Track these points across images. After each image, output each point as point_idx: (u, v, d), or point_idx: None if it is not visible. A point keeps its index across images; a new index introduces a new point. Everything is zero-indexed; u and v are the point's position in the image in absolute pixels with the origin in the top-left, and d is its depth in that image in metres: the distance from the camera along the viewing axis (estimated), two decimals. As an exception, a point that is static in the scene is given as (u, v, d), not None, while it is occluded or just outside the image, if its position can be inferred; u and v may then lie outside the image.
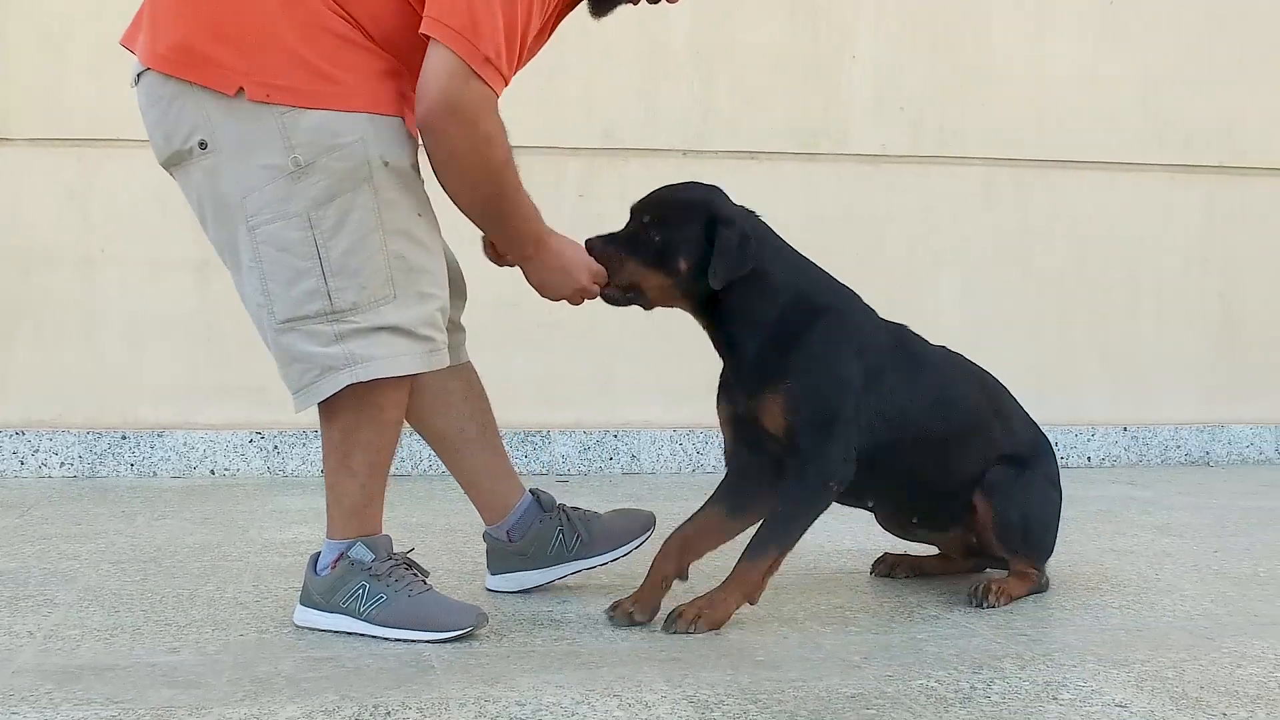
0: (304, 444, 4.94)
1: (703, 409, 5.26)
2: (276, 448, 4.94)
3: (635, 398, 5.24)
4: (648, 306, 2.87)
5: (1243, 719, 2.19)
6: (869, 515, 3.93)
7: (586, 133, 5.24)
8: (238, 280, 2.67)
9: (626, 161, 5.20)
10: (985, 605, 2.94)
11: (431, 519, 3.99)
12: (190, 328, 4.99)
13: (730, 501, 2.93)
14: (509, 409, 5.11)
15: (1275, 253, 5.84)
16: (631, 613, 2.77)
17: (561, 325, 5.15)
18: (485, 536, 3.10)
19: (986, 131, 5.56)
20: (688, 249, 2.78)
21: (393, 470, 3.54)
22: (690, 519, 2.94)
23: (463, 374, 3.02)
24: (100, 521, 3.90)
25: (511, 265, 2.87)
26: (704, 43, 5.32)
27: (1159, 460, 5.64)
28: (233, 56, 2.51)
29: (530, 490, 3.08)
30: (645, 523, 3.12)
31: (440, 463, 3.11)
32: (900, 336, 3.05)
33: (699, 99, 5.32)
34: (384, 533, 2.75)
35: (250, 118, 2.50)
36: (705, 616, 2.71)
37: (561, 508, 3.07)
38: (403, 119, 2.60)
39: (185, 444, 4.90)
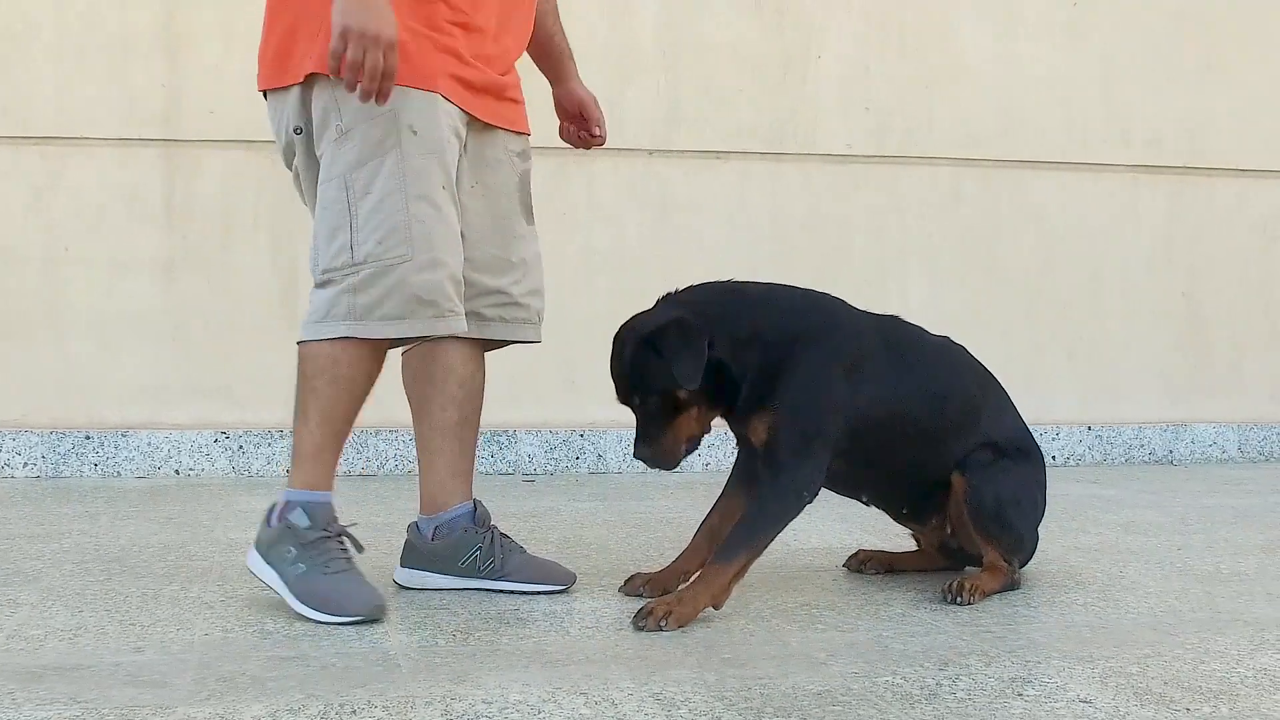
0: (269, 444, 4.92)
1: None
2: (241, 448, 4.92)
3: (601, 398, 5.21)
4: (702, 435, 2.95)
5: (1206, 714, 2.20)
6: (836, 513, 3.95)
7: (553, 132, 5.23)
8: None
9: (594, 161, 5.20)
10: (959, 602, 2.95)
11: (398, 519, 3.97)
12: (155, 327, 4.97)
13: (747, 483, 3.01)
14: (483, 408, 5.12)
15: (1238, 253, 5.89)
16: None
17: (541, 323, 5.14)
18: (410, 527, 3.10)
19: (952, 131, 5.59)
20: (673, 382, 2.79)
21: (359, 470, 3.54)
22: (713, 508, 3.04)
23: (475, 361, 3.11)
24: (64, 522, 3.88)
25: None
26: (671, 42, 5.32)
27: (1123, 459, 5.67)
28: (301, 48, 2.78)
29: (475, 500, 3.09)
30: (564, 579, 3.07)
31: (407, 464, 3.13)
32: (891, 333, 3.09)
33: (666, 98, 5.33)
34: (330, 498, 2.85)
35: (316, 96, 2.78)
36: (675, 614, 2.72)
37: (493, 529, 3.07)
38: (438, 94, 2.79)
39: (150, 444, 4.88)
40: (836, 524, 3.98)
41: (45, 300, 4.93)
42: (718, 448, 5.28)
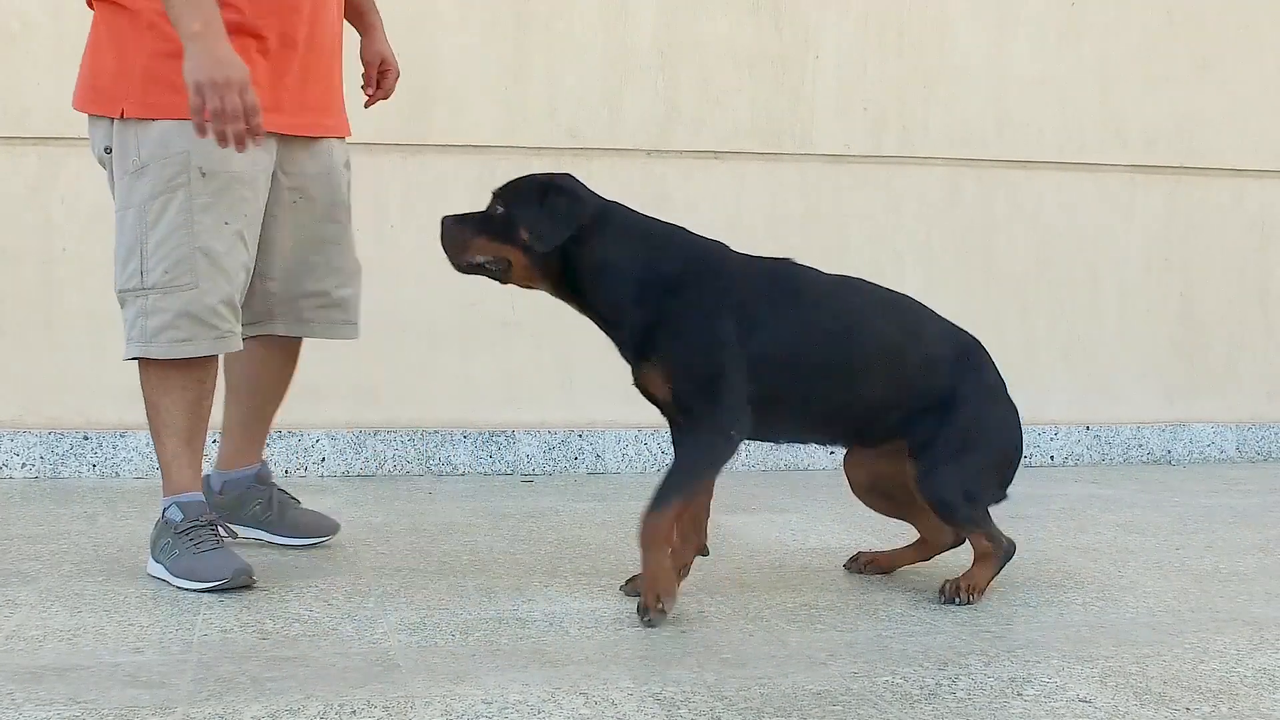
0: (267, 444, 4.91)
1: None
2: (240, 448, 4.92)
3: (599, 398, 5.23)
4: (503, 281, 3.00)
5: (1206, 713, 2.20)
6: (835, 513, 3.96)
7: (551, 133, 5.24)
8: None
9: (591, 161, 5.19)
10: (957, 603, 2.96)
11: (395, 519, 3.98)
12: (152, 327, 4.95)
13: None
14: (472, 409, 5.13)
15: (1234, 253, 5.89)
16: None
17: (525, 325, 5.15)
18: (204, 479, 3.43)
19: (949, 131, 5.59)
20: (525, 219, 2.90)
21: (358, 470, 3.55)
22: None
23: (290, 352, 3.48)
24: (62, 522, 3.87)
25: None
26: (668, 42, 5.32)
27: (1121, 459, 5.67)
28: (119, 88, 3.08)
29: (263, 463, 3.55)
30: (329, 529, 3.54)
31: (405, 464, 3.16)
32: (781, 275, 3.06)
33: (663, 99, 5.32)
34: (199, 496, 3.16)
35: (119, 130, 3.09)
36: (647, 586, 2.80)
37: (273, 486, 3.53)
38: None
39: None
40: (835, 524, 3.99)
41: (42, 300, 4.92)
42: (715, 448, 5.28)
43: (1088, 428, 5.66)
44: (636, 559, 3.40)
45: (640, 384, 2.95)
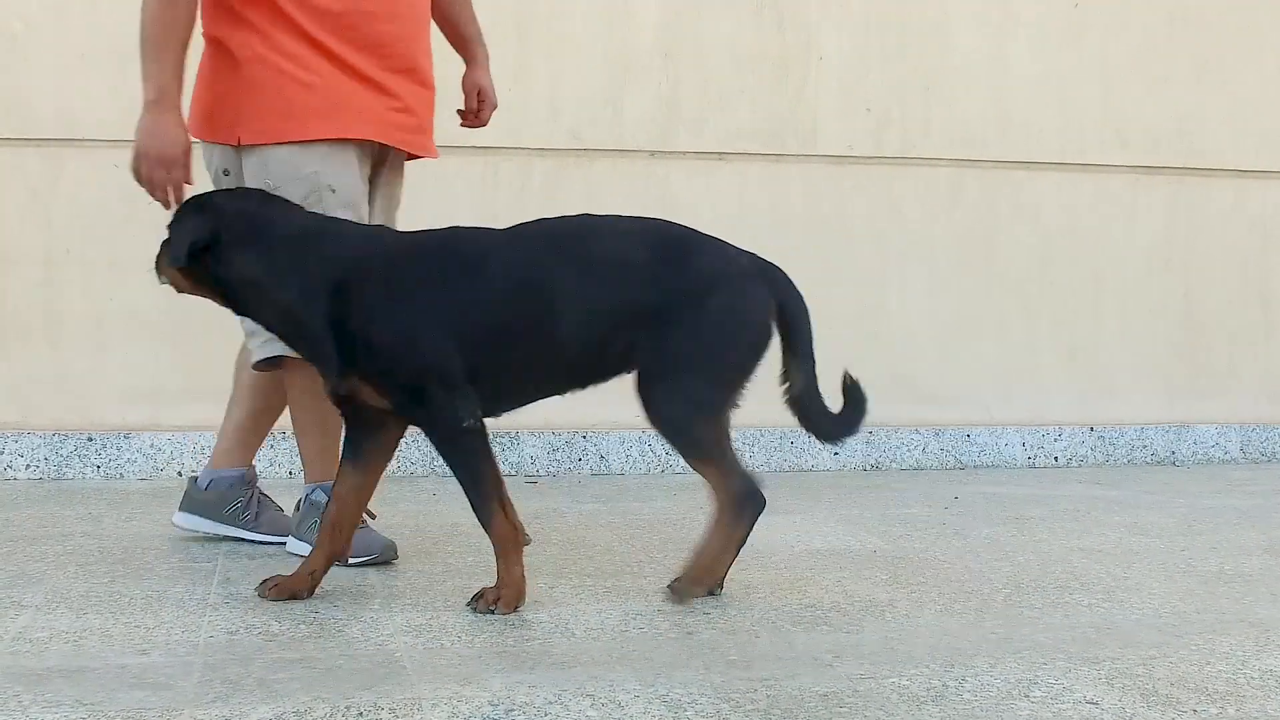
0: (270, 446, 4.91)
1: (671, 409, 5.27)
2: (243, 449, 4.92)
3: (603, 399, 5.20)
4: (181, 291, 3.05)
5: (1213, 715, 2.20)
6: (838, 515, 3.96)
7: (553, 134, 5.24)
8: None
9: (593, 162, 5.20)
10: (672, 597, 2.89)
11: (401, 520, 3.97)
12: (156, 329, 4.96)
13: (355, 459, 2.97)
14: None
15: (1236, 253, 5.89)
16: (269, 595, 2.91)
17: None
18: (190, 479, 3.68)
19: (951, 132, 5.59)
20: (165, 241, 2.97)
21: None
22: (330, 499, 3.01)
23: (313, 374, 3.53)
24: (67, 524, 3.87)
25: None
26: (671, 44, 5.32)
27: (1125, 460, 5.67)
28: (230, 116, 3.25)
29: (250, 467, 3.65)
30: (285, 529, 3.57)
31: (409, 465, 3.17)
32: (446, 245, 2.91)
33: (666, 100, 5.33)
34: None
35: (247, 156, 3.23)
36: (504, 597, 2.81)
37: (257, 490, 3.64)
38: (351, 143, 3.25)
39: (152, 445, 4.88)
40: (839, 526, 3.98)
41: (45, 302, 4.93)
42: (719, 449, 5.28)
43: (1091, 429, 5.66)
44: (640, 560, 3.42)
45: (348, 393, 2.86)
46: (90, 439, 4.81)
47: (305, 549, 3.24)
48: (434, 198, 5.14)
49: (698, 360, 2.85)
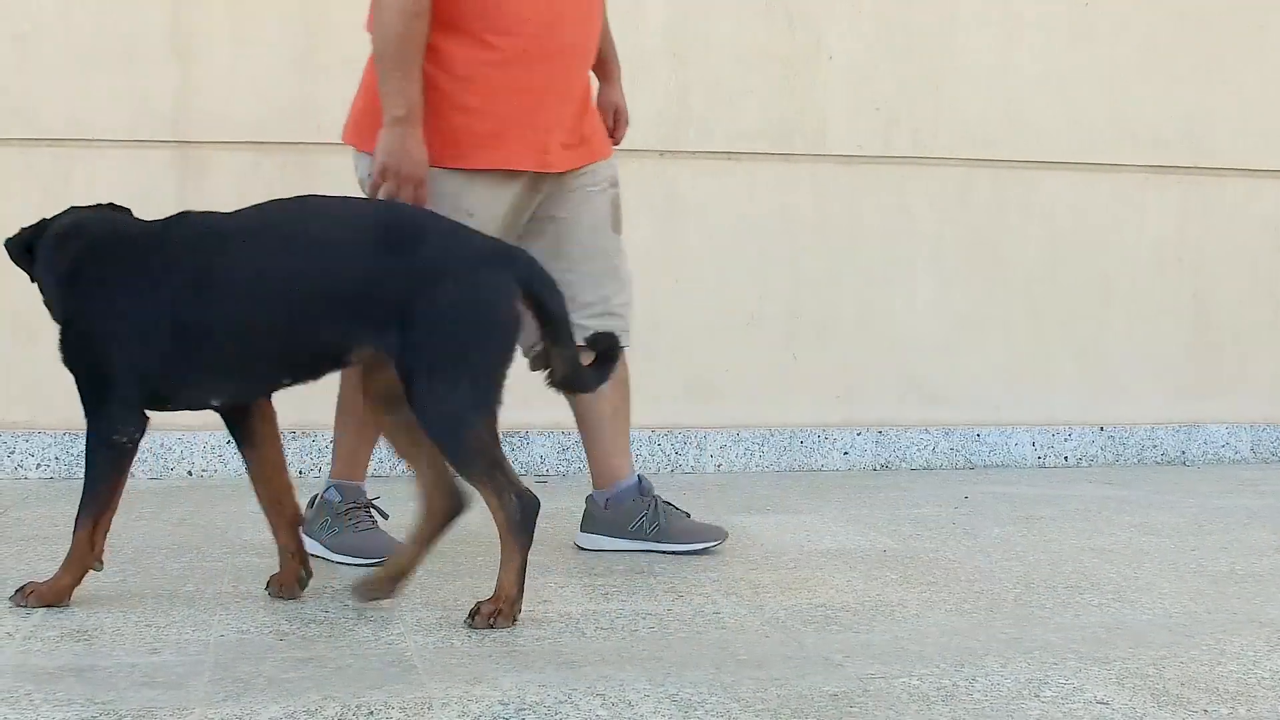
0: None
1: (679, 409, 5.28)
2: (253, 449, 4.92)
3: (613, 398, 5.23)
4: None
5: (1223, 715, 2.20)
6: (848, 515, 3.96)
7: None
8: None
9: (603, 162, 5.20)
10: (473, 625, 2.71)
11: (409, 520, 3.97)
12: (166, 329, 4.96)
13: (242, 445, 3.04)
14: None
15: (1246, 252, 5.88)
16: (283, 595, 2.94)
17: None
18: (588, 499, 3.62)
19: (961, 132, 5.58)
20: None
21: (371, 471, 3.58)
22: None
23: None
24: (77, 523, 3.87)
25: None
26: (679, 44, 5.32)
27: (1135, 460, 5.67)
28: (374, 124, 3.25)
29: (639, 475, 3.57)
30: (717, 535, 3.55)
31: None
32: (169, 240, 2.80)
33: (674, 100, 5.32)
34: (360, 485, 3.47)
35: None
36: (37, 594, 2.80)
37: (656, 498, 3.55)
38: (499, 172, 3.27)
39: (162, 445, 4.88)
40: (849, 526, 3.98)
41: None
42: (729, 448, 5.28)
43: (1101, 428, 5.65)
44: (649, 559, 3.42)
45: None
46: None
47: (315, 546, 3.30)
48: (444, 198, 5.16)
49: (447, 359, 2.67)
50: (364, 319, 2.68)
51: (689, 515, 3.59)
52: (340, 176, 4.35)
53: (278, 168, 4.98)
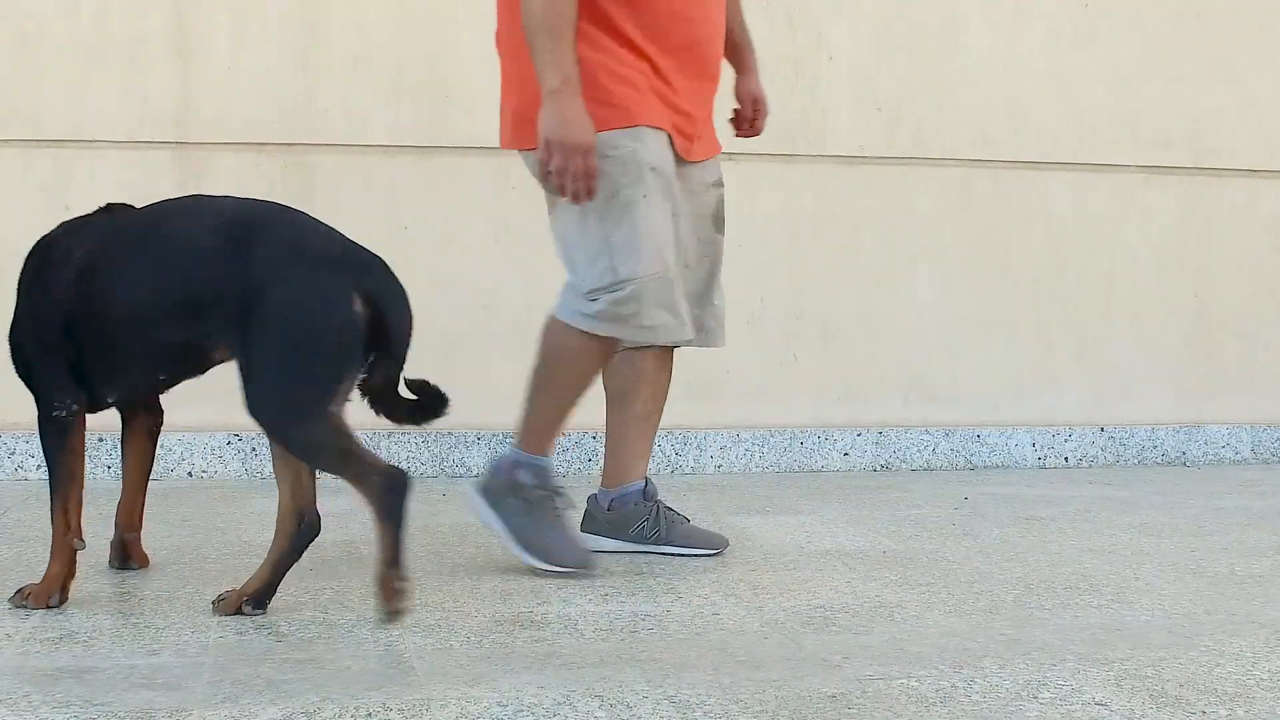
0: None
1: (680, 410, 5.27)
2: (255, 450, 4.93)
3: (613, 399, 5.23)
4: None
5: (1222, 717, 2.19)
6: (848, 516, 3.95)
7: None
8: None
9: (604, 162, 5.20)
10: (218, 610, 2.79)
11: (411, 520, 3.97)
12: (167, 329, 4.96)
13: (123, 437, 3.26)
14: (487, 411, 5.12)
15: (1248, 253, 5.88)
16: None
17: (538, 327, 5.14)
18: (590, 498, 3.60)
19: (963, 132, 5.58)
20: None
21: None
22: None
23: (665, 363, 3.55)
24: (77, 524, 3.87)
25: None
26: (682, 44, 5.32)
27: (1136, 460, 5.67)
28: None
29: (645, 479, 3.55)
30: (718, 542, 3.54)
31: (417, 466, 3.18)
32: (77, 228, 2.93)
33: (677, 100, 5.32)
34: (551, 463, 3.35)
35: None
36: (35, 592, 2.85)
37: (659, 503, 3.53)
38: (665, 131, 3.24)
39: (162, 446, 4.84)
40: (849, 527, 3.98)
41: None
42: (729, 449, 5.28)
43: (1102, 429, 5.65)
44: (649, 560, 3.42)
45: None
46: (100, 439, 4.82)
47: (494, 520, 3.31)
48: (445, 197, 5.16)
49: (278, 361, 2.64)
50: (215, 318, 2.69)
51: (689, 520, 3.58)
52: (340, 176, 4.37)
53: (278, 168, 4.99)
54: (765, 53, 5.39)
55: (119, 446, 3.23)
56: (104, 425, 4.87)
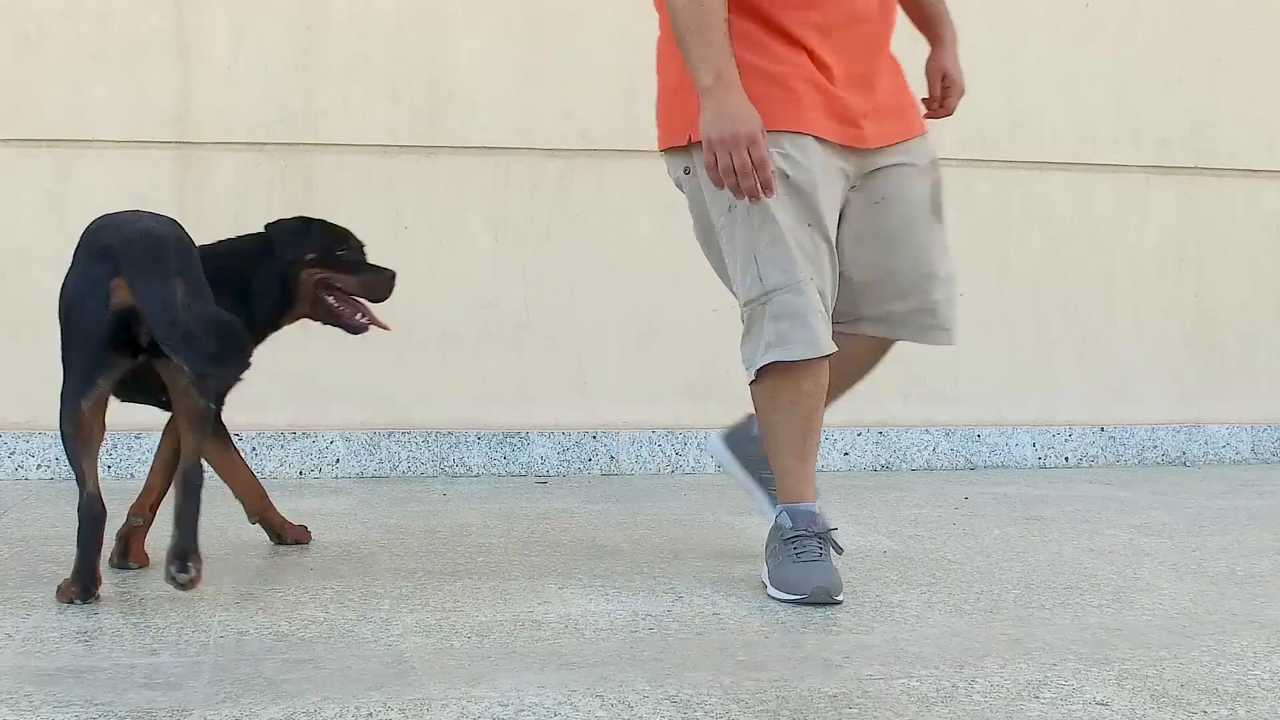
0: (282, 445, 4.93)
1: (681, 410, 5.28)
2: (254, 449, 4.93)
3: (614, 399, 5.23)
4: None
5: (1223, 716, 2.19)
6: (849, 515, 3.95)
7: (565, 134, 5.24)
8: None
9: (605, 163, 5.20)
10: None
11: (411, 520, 3.98)
12: (167, 329, 4.96)
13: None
14: (486, 411, 5.13)
15: (1248, 253, 5.88)
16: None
17: (539, 326, 5.15)
18: (749, 419, 3.38)
19: (963, 131, 5.57)
20: None
21: (371, 472, 3.57)
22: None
23: (877, 352, 3.42)
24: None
25: None
26: (682, 44, 5.31)
27: (1136, 460, 5.67)
28: (682, 114, 3.14)
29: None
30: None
31: (419, 465, 3.16)
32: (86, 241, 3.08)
33: (677, 100, 5.32)
34: (812, 507, 3.10)
35: (697, 151, 3.07)
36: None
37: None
38: (808, 135, 3.03)
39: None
40: (850, 526, 3.98)
41: (56, 302, 4.93)
42: (729, 449, 5.28)
43: (1102, 429, 5.65)
44: (650, 561, 3.42)
45: None
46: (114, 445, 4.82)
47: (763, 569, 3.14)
48: (444, 197, 5.16)
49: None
50: None
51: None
52: (339, 176, 4.37)
53: (277, 168, 4.99)
54: (765, 52, 5.41)
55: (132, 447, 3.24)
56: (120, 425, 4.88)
